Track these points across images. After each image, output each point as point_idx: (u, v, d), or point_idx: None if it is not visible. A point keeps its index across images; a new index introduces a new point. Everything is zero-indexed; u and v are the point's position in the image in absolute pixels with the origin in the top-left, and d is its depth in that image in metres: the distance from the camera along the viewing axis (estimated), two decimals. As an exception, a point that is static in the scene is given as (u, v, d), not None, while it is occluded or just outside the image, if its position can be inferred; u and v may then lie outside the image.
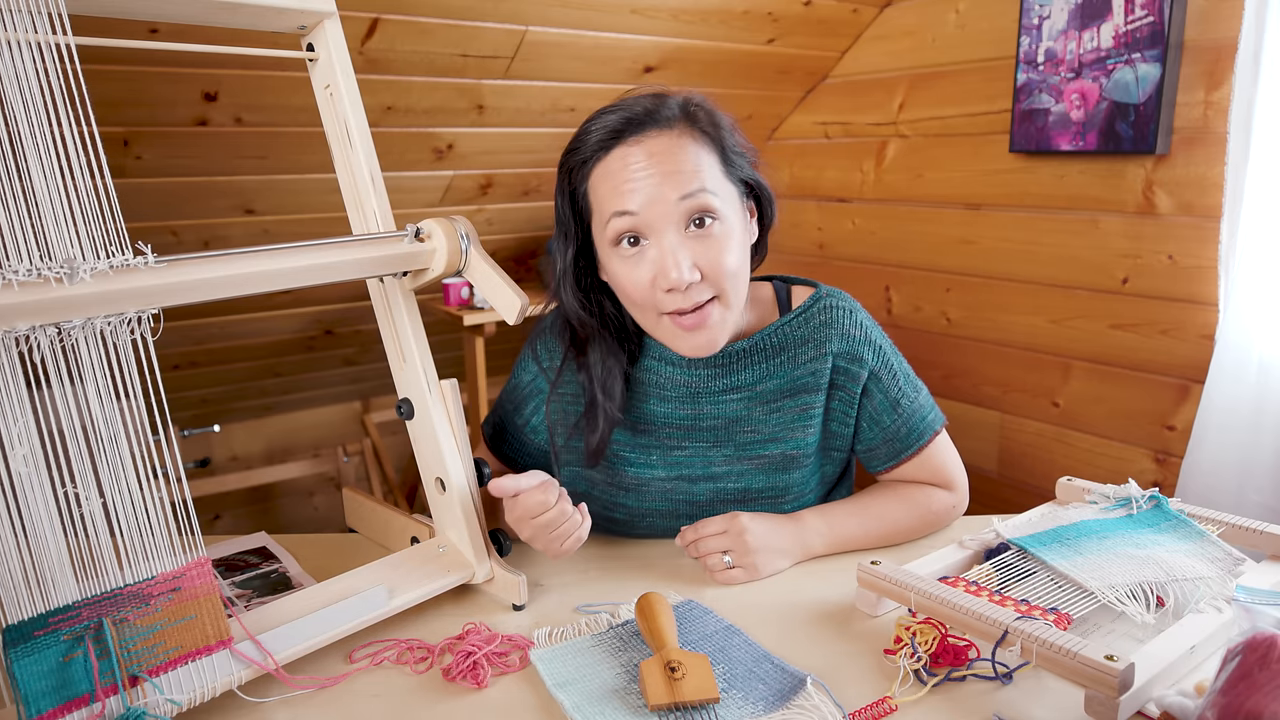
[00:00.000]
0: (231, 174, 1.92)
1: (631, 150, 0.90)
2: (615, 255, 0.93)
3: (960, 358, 2.21)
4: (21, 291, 0.62)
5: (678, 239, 0.90)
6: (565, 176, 0.96)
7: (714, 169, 0.92)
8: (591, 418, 1.01)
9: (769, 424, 1.01)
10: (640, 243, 0.91)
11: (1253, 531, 0.88)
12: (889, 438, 1.03)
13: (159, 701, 0.67)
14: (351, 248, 0.82)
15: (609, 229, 0.91)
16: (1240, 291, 1.59)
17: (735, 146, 0.96)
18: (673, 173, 0.89)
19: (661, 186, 0.89)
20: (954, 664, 0.75)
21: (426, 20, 1.68)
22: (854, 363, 1.01)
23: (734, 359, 1.01)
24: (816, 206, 2.52)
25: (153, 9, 0.80)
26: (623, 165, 0.90)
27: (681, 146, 0.91)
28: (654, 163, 0.89)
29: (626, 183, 0.90)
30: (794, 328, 1.02)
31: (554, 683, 0.75)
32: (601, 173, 0.92)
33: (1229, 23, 1.59)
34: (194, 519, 0.70)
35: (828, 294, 1.04)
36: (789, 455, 1.01)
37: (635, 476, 1.04)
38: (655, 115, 0.91)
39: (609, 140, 0.91)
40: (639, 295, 0.92)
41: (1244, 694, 0.58)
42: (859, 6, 2.18)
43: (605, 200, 0.92)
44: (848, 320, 1.02)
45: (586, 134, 0.93)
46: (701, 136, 0.92)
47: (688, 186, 0.89)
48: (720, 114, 0.96)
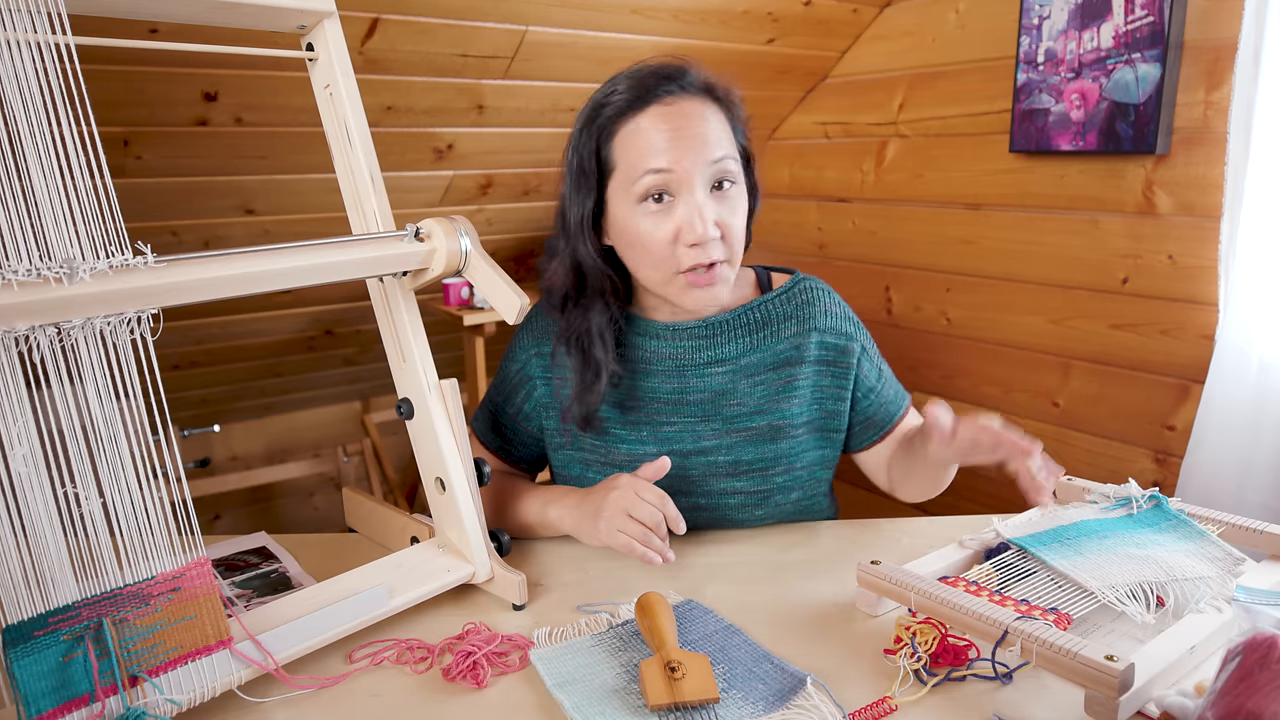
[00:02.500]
0: (231, 174, 1.92)
1: (666, 110, 0.95)
2: (639, 211, 0.96)
3: (960, 358, 2.21)
4: (21, 291, 0.62)
5: (705, 196, 0.95)
6: (590, 132, 0.99)
7: (731, 138, 0.99)
8: (586, 375, 1.03)
9: (754, 396, 1.05)
10: (664, 199, 0.95)
11: (1253, 531, 0.88)
12: (881, 402, 1.09)
13: (159, 701, 0.67)
14: (351, 248, 0.82)
15: (639, 184, 0.95)
16: (1240, 291, 1.59)
17: (743, 118, 1.02)
18: (704, 135, 0.95)
19: (694, 148, 0.94)
20: (954, 664, 0.75)
21: (426, 20, 1.68)
22: (842, 338, 1.07)
23: (717, 330, 1.05)
24: (816, 206, 2.52)
25: (153, 9, 0.80)
26: (658, 124, 0.95)
27: (711, 112, 0.97)
28: (688, 124, 0.95)
29: (663, 141, 0.94)
30: (776, 305, 1.07)
31: (554, 683, 0.75)
32: (632, 129, 0.96)
33: (1229, 23, 1.59)
34: (194, 519, 0.70)
35: (805, 277, 1.11)
36: (775, 426, 1.05)
37: (628, 454, 1.05)
38: (682, 79, 0.97)
39: (640, 99, 0.96)
40: (658, 250, 0.96)
41: (1244, 694, 0.58)
42: (859, 6, 2.17)
43: (638, 157, 0.95)
44: (828, 299, 1.09)
45: (613, 93, 0.98)
46: (721, 106, 0.99)
47: (717, 151, 0.95)
48: (734, 90, 1.03)
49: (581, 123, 1.00)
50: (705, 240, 0.94)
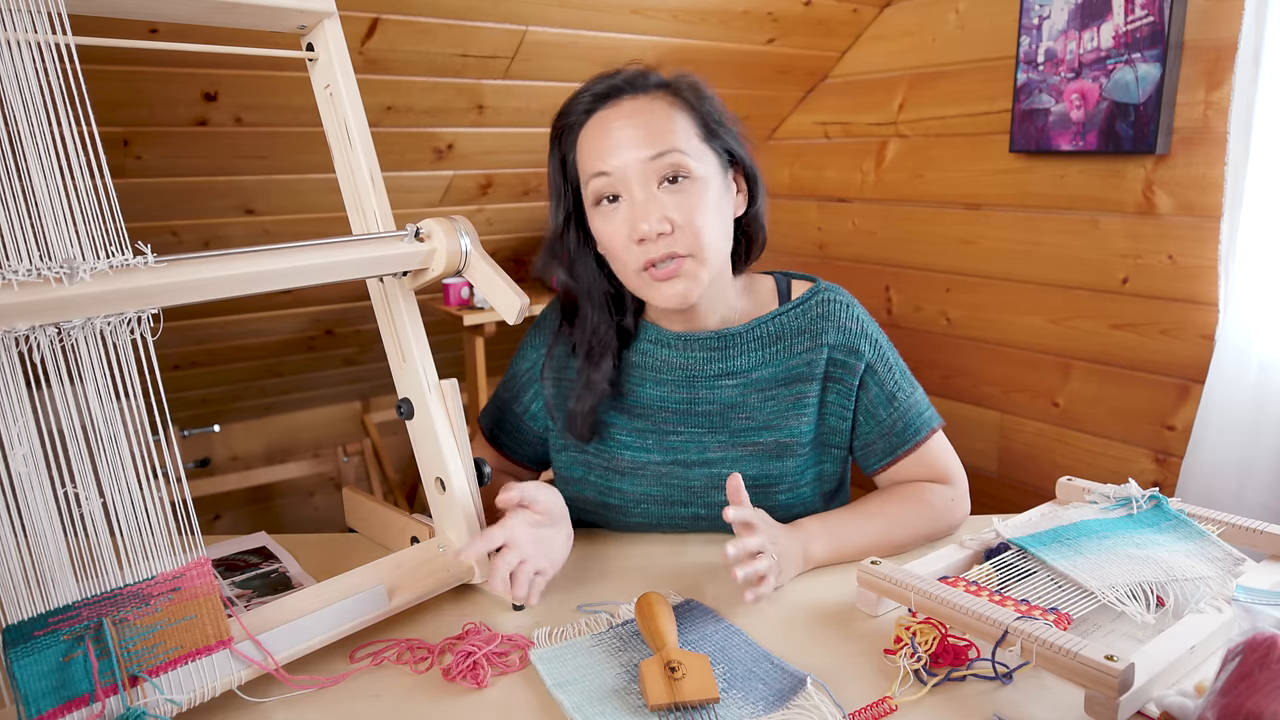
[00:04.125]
0: (231, 174, 1.92)
1: (609, 114, 0.95)
2: (597, 214, 0.97)
3: (960, 358, 2.21)
4: (21, 291, 0.62)
5: (646, 194, 0.94)
6: (556, 143, 1.01)
7: (689, 132, 0.96)
8: (580, 386, 1.03)
9: (763, 411, 1.03)
10: (617, 200, 0.95)
11: (1253, 531, 0.88)
12: (885, 432, 1.03)
13: (159, 701, 0.67)
14: (351, 248, 0.82)
15: (589, 189, 0.96)
16: (1240, 291, 1.59)
17: (717, 116, 0.99)
18: (645, 132, 0.93)
19: (632, 147, 0.93)
20: (954, 664, 0.75)
21: (426, 20, 1.68)
22: (850, 355, 1.03)
23: (730, 343, 1.03)
24: (816, 206, 2.52)
25: (153, 9, 0.80)
26: (601, 129, 0.95)
27: (656, 109, 0.95)
28: (628, 123, 0.94)
29: (604, 144, 0.94)
30: (791, 318, 1.04)
31: (554, 683, 0.75)
32: (584, 137, 0.97)
33: (1229, 23, 1.59)
34: (194, 519, 0.70)
35: (826, 288, 1.06)
36: (782, 443, 1.02)
37: (631, 461, 1.04)
38: (635, 82, 0.97)
39: (592, 105, 0.97)
40: (618, 251, 0.96)
41: (1244, 694, 0.58)
42: (859, 6, 2.17)
43: (587, 163, 0.96)
44: (844, 314, 1.04)
45: (574, 101, 0.99)
46: (679, 102, 0.97)
47: (658, 146, 0.93)
48: (705, 87, 1.00)
49: (550, 134, 1.01)
50: (650, 235, 0.92)
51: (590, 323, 1.03)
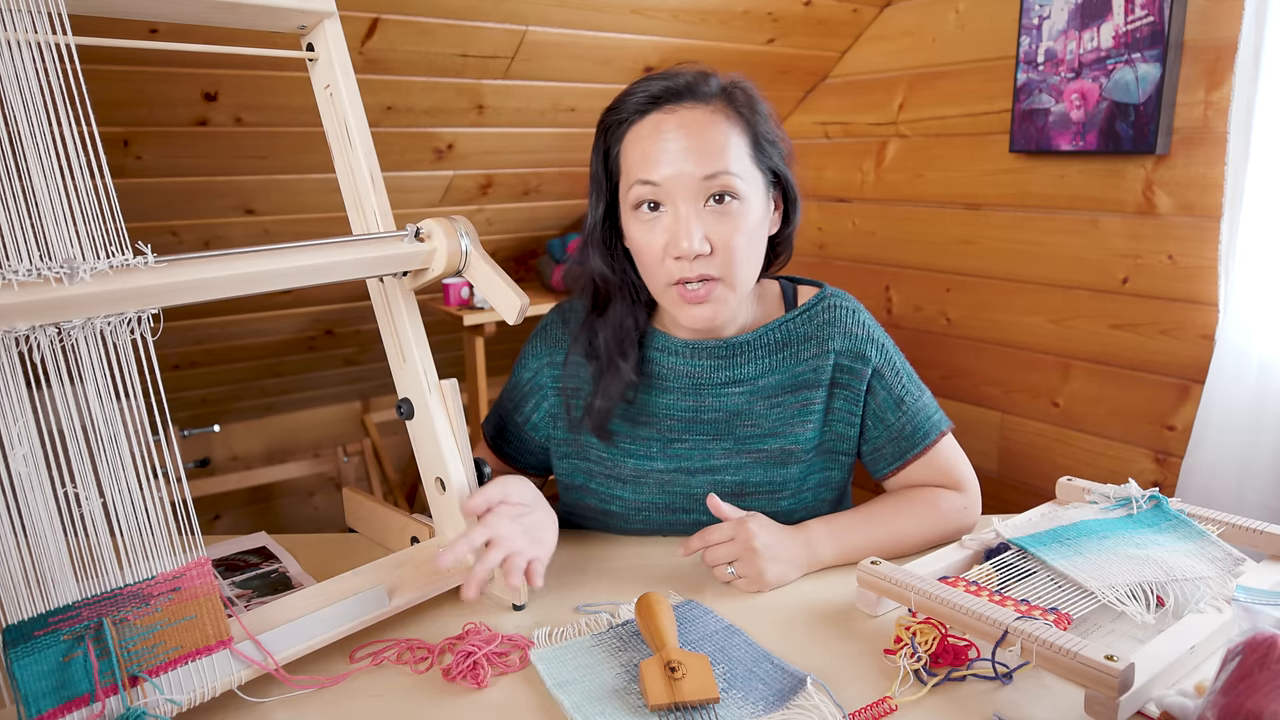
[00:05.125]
0: (231, 174, 1.92)
1: (665, 119, 0.93)
2: (635, 218, 0.95)
3: (960, 358, 2.21)
4: (21, 291, 0.62)
5: (692, 211, 0.92)
6: (601, 135, 0.99)
7: (742, 151, 0.94)
8: (604, 382, 1.01)
9: (769, 418, 1.02)
10: (659, 209, 0.94)
11: (1253, 531, 0.88)
12: (894, 436, 1.03)
13: (159, 701, 0.67)
14: (351, 248, 0.82)
15: (631, 194, 0.94)
16: (1240, 291, 1.59)
17: (769, 134, 0.98)
18: (700, 149, 0.91)
19: (686, 162, 0.91)
20: (954, 664, 0.75)
21: (426, 20, 1.68)
22: (857, 360, 1.02)
23: (737, 351, 1.02)
24: (816, 206, 2.52)
25: (153, 9, 0.80)
26: (654, 133, 0.93)
27: (714, 124, 0.93)
28: (683, 135, 0.92)
29: (655, 151, 0.92)
30: (798, 324, 1.03)
31: (554, 683, 0.75)
32: (634, 137, 0.95)
33: (1229, 23, 1.59)
34: (194, 519, 0.70)
35: (832, 294, 1.06)
36: (787, 450, 1.02)
37: (634, 468, 1.04)
38: (695, 89, 0.94)
39: (646, 105, 0.94)
40: (651, 260, 0.95)
41: (1244, 694, 0.58)
42: (859, 6, 2.17)
43: (633, 165, 0.94)
44: (850, 319, 1.04)
45: (628, 96, 0.96)
46: (736, 117, 0.95)
47: (712, 166, 0.91)
48: (761, 101, 0.99)
49: (598, 124, 0.99)
50: (689, 255, 0.91)
51: (618, 314, 1.02)
